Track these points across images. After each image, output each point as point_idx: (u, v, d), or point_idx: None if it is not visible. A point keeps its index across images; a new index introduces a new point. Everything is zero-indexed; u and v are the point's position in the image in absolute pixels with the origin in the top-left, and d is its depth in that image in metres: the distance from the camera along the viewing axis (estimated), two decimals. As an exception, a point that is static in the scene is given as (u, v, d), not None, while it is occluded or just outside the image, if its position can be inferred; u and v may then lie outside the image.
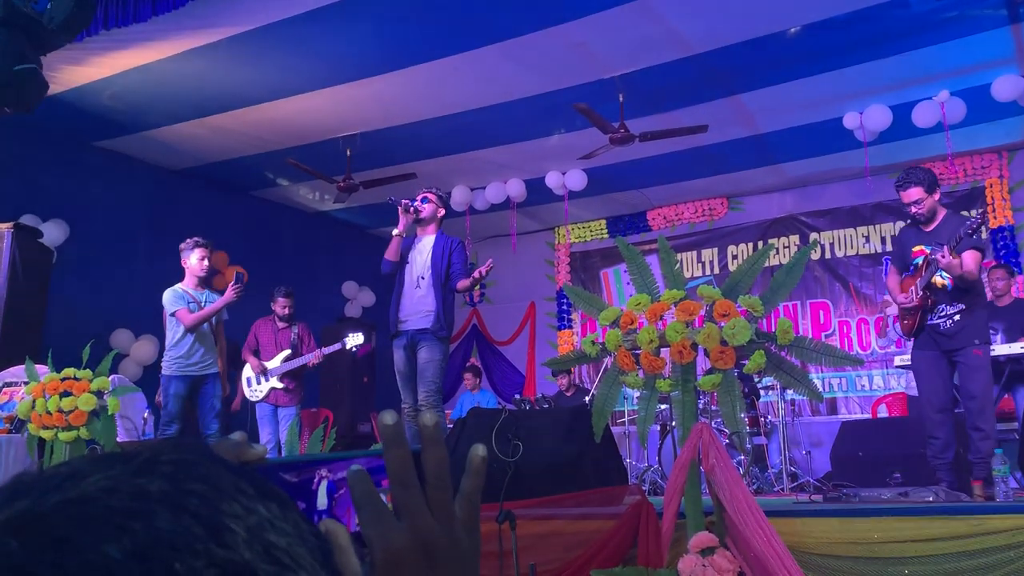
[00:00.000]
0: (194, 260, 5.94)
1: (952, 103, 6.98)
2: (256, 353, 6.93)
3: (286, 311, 7.01)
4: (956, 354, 4.72)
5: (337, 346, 7.04)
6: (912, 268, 4.91)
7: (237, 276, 5.93)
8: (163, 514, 0.38)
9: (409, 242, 5.55)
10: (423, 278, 5.36)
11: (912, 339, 5.00)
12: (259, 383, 6.84)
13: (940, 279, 4.72)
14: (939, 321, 4.75)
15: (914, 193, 4.78)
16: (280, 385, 6.81)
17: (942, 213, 4.90)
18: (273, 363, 6.85)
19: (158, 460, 0.42)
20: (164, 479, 0.40)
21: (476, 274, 5.24)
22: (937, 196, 4.85)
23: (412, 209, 5.40)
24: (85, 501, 0.38)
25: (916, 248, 4.89)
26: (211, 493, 0.40)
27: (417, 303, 5.34)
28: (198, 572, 0.37)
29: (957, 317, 4.69)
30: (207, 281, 6.14)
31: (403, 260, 5.46)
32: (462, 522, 0.59)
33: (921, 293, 4.76)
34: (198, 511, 0.39)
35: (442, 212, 5.59)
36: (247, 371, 6.90)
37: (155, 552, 0.37)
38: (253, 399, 6.87)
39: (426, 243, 5.49)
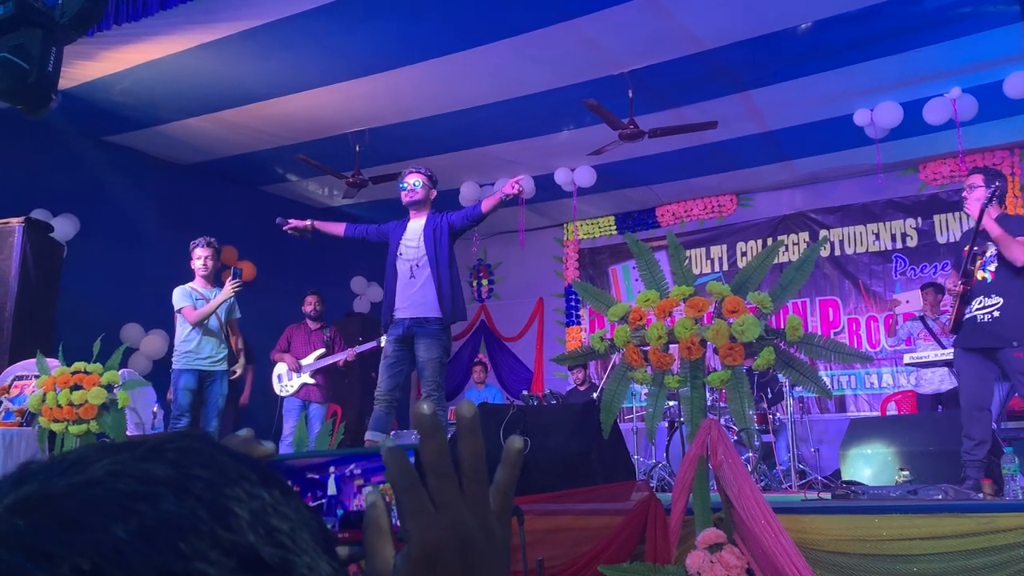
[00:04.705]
0: (193, 259, 6.02)
1: (964, 100, 6.94)
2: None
3: (312, 308, 7.33)
4: (996, 353, 4.64)
5: (373, 344, 7.08)
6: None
7: (234, 271, 5.94)
8: (168, 497, 0.39)
9: (400, 229, 5.11)
10: (418, 266, 4.96)
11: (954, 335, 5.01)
12: (290, 379, 7.14)
13: (980, 272, 4.71)
14: (977, 313, 4.70)
15: (975, 180, 4.81)
16: (312, 381, 7.10)
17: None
18: (308, 360, 7.16)
19: (164, 447, 0.43)
20: (169, 464, 0.41)
21: (500, 194, 4.84)
22: (989, 193, 4.75)
23: (294, 229, 5.26)
24: (92, 484, 0.39)
25: (965, 248, 4.91)
26: (215, 478, 0.41)
27: (414, 294, 4.93)
28: (203, 553, 0.37)
29: (996, 313, 4.62)
30: (214, 279, 6.18)
31: (393, 250, 5.06)
32: (496, 514, 0.57)
33: (960, 281, 4.76)
34: (203, 495, 0.40)
35: (434, 194, 5.19)
36: (279, 367, 7.22)
37: (161, 533, 0.37)
38: (283, 394, 7.16)
39: (415, 228, 5.06)
